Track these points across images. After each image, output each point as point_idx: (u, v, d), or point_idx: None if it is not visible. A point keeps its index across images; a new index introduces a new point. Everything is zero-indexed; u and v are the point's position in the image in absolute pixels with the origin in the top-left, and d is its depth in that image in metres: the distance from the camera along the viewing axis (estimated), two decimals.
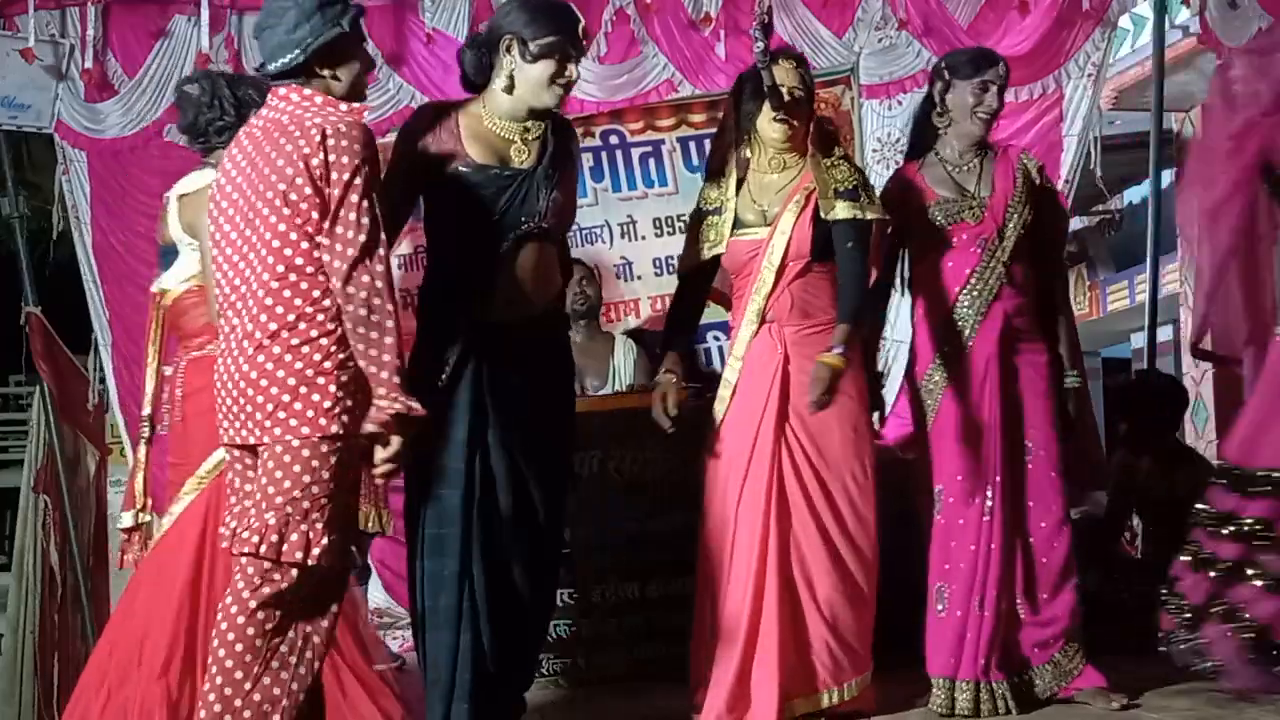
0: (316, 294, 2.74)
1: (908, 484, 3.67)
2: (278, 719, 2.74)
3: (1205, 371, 7.00)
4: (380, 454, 2.77)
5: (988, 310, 3.51)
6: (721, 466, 3.40)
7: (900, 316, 4.95)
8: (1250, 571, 3.41)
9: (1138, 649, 3.72)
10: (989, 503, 3.47)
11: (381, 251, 2.74)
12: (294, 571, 2.72)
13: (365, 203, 2.72)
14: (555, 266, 3.20)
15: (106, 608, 5.98)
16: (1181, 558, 3.56)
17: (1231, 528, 3.46)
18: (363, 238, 2.71)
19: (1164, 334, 7.39)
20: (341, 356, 2.74)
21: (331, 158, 2.71)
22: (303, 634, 2.79)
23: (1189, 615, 3.48)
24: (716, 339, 5.21)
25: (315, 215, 2.72)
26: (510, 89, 3.12)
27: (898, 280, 3.72)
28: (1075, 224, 9.47)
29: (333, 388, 2.72)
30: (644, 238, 5.25)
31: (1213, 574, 3.46)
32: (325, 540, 2.71)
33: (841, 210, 3.37)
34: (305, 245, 2.73)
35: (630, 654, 4.13)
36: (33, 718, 5.55)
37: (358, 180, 2.71)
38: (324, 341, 2.74)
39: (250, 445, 2.79)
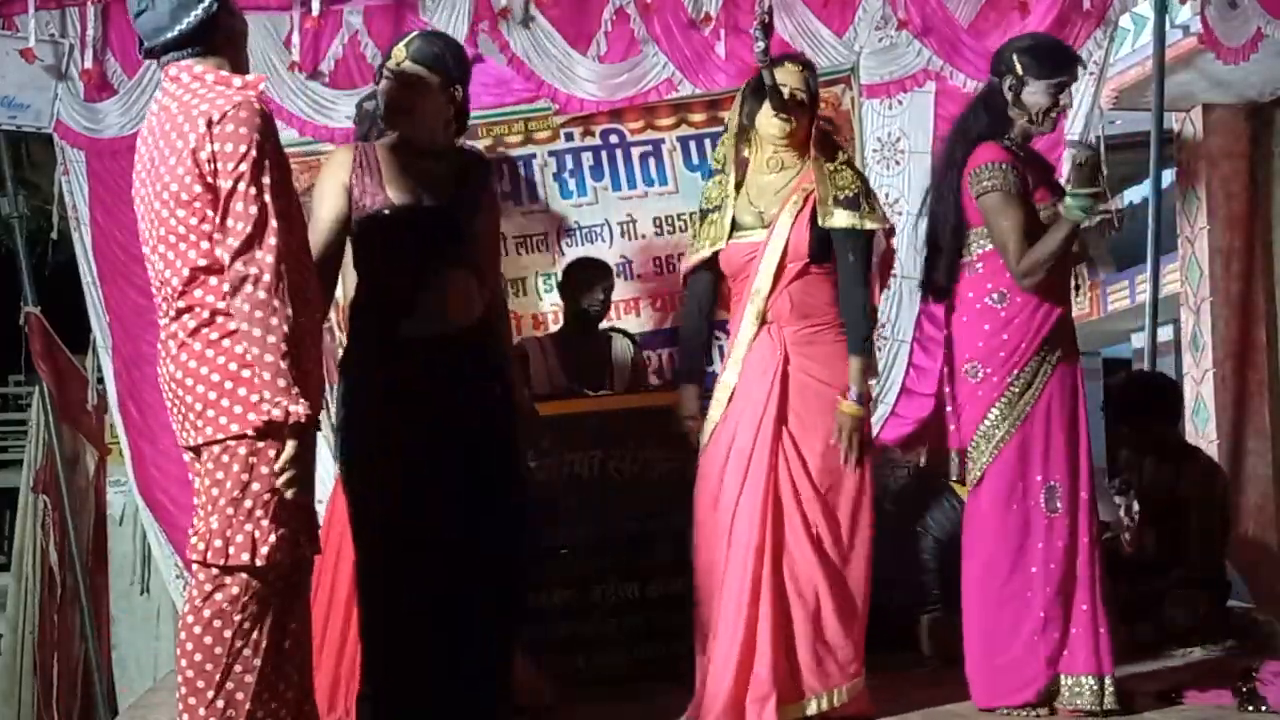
0: (228, 287, 2.62)
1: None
2: None
3: (1205, 372, 6.98)
4: (277, 463, 2.62)
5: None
6: (719, 469, 3.38)
7: (901, 316, 4.99)
8: None
9: (1140, 649, 3.72)
10: (1089, 494, 3.40)
11: (272, 241, 2.59)
12: (244, 574, 2.63)
13: (253, 189, 2.58)
14: (475, 290, 3.14)
15: (106, 608, 5.99)
16: None
17: None
18: (247, 228, 2.58)
19: (1164, 334, 7.38)
20: None
21: (218, 146, 2.58)
22: (268, 635, 2.68)
23: None
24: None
25: (210, 212, 2.61)
26: None
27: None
28: None
29: (258, 380, 2.60)
30: (644, 237, 5.22)
31: None
32: (273, 537, 2.62)
33: (840, 219, 3.35)
34: (206, 245, 2.62)
35: (630, 654, 4.13)
36: (32, 718, 5.56)
37: (244, 167, 2.58)
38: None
39: (195, 447, 2.70)
